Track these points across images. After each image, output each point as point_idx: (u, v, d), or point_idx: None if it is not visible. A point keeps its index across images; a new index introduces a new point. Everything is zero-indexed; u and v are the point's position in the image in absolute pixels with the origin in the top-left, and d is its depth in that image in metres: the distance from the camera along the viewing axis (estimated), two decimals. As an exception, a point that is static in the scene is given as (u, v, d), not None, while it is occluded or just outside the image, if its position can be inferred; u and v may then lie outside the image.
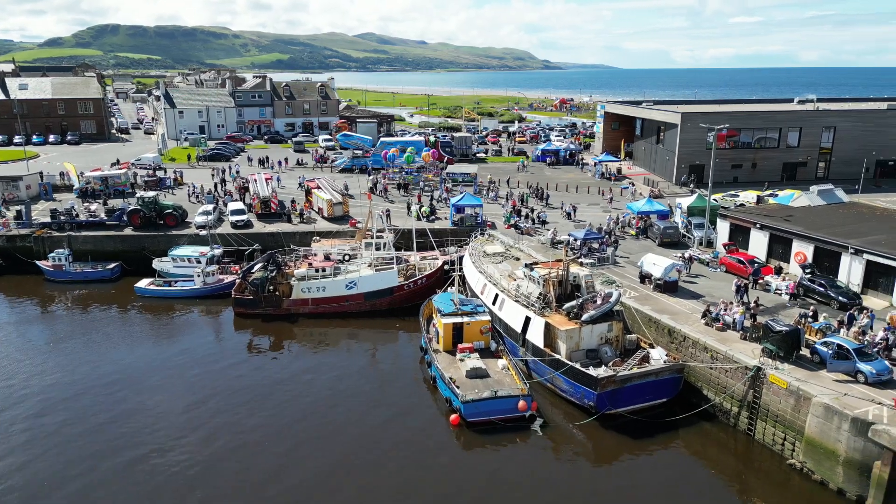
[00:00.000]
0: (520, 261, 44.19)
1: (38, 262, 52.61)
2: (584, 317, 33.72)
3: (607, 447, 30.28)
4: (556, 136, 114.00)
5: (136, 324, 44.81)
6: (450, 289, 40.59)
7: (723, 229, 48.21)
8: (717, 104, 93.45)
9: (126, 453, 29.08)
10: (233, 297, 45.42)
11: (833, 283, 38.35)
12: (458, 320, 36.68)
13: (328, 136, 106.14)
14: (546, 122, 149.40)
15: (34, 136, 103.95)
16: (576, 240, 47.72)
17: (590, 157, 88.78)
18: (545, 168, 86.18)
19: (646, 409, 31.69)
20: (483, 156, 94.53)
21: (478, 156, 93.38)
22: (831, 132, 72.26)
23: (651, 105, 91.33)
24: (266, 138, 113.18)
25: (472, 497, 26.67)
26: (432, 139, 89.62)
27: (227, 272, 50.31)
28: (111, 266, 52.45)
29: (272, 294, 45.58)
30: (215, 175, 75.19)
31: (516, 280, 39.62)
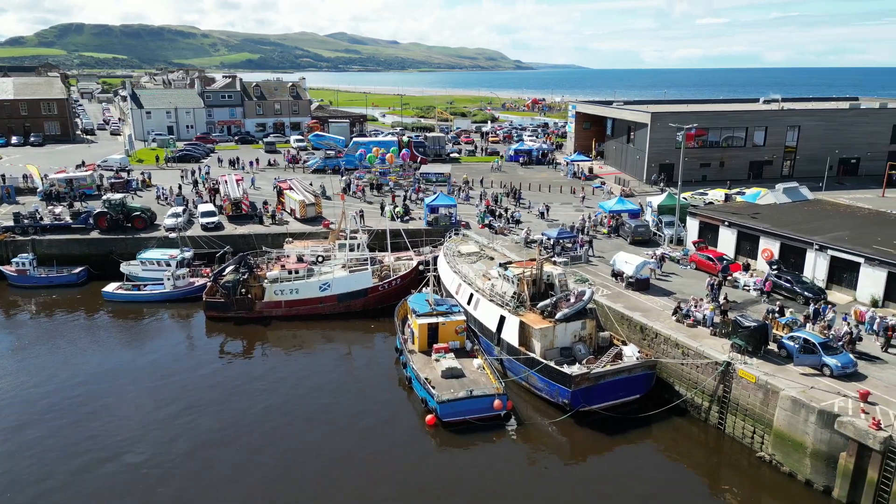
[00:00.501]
0: (494, 260, 44.34)
1: (0, 268, 51.26)
2: (558, 315, 33.99)
3: (582, 444, 30.57)
4: (528, 136, 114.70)
5: (104, 329, 43.84)
6: (425, 289, 40.52)
7: (692, 227, 48.99)
8: (686, 104, 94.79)
9: (85, 457, 28.61)
10: (204, 301, 44.78)
11: (799, 278, 39.25)
12: (433, 320, 36.69)
13: (300, 137, 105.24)
14: (518, 122, 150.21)
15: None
16: (549, 239, 48.09)
17: (562, 157, 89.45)
18: (518, 168, 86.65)
19: (619, 406, 32.10)
20: (457, 156, 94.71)
21: (451, 156, 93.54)
22: (796, 131, 73.93)
23: (621, 105, 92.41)
24: (236, 139, 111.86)
25: (447, 496, 26.68)
26: (405, 139, 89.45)
27: (198, 275, 49.59)
28: (77, 270, 51.30)
29: (244, 297, 44.98)
30: (185, 176, 73.96)
31: (491, 280, 39.76)
